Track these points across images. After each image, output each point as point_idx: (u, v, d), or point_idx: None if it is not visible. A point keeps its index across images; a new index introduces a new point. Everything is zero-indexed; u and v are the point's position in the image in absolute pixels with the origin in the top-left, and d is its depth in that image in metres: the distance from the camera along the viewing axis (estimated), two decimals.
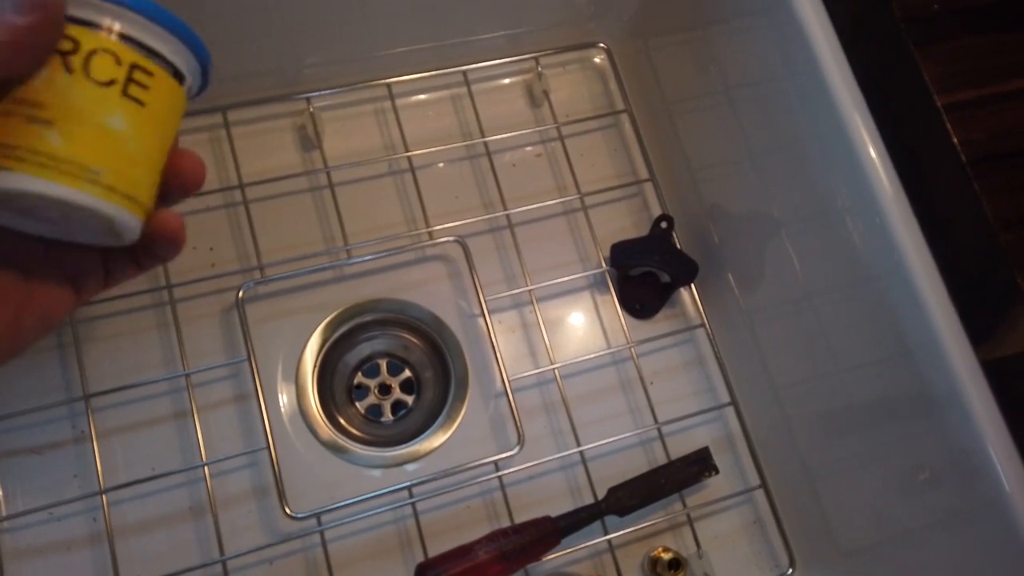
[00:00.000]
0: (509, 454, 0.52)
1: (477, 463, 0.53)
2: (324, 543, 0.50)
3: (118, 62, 0.26)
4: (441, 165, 0.61)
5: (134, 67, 0.27)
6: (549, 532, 0.50)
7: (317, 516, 0.50)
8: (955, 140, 0.36)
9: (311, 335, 0.56)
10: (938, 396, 0.40)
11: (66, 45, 0.25)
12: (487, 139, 0.61)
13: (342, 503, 0.50)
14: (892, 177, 0.40)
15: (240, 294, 0.53)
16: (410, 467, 0.55)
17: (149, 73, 0.27)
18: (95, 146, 0.25)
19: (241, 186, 0.56)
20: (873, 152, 0.41)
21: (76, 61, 0.25)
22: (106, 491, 0.49)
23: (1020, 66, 0.40)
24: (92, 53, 0.26)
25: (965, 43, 0.40)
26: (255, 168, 0.58)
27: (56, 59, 0.25)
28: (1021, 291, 0.35)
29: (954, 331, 0.38)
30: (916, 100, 0.38)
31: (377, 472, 0.54)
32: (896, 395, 0.44)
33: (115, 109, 0.26)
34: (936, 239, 0.37)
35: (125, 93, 0.26)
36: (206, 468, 0.50)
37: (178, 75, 0.28)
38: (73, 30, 0.25)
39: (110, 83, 0.26)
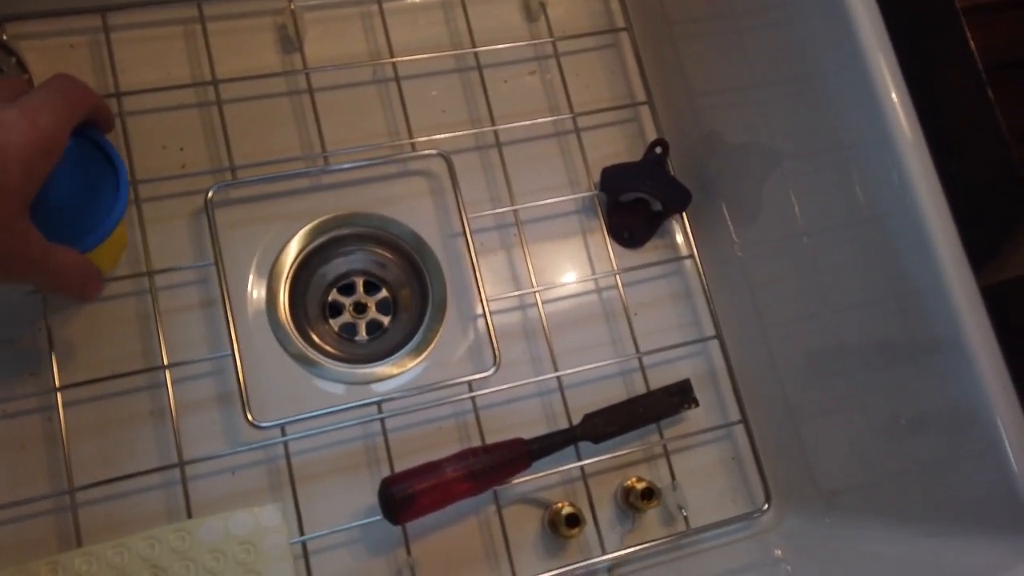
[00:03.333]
0: (484, 375, 0.51)
1: (450, 382, 0.51)
2: (288, 454, 0.48)
3: None
4: (429, 76, 0.58)
5: None
6: (520, 454, 0.48)
7: (281, 427, 0.48)
8: (972, 45, 0.34)
9: (284, 245, 0.54)
10: (936, 341, 0.38)
11: None
12: (478, 50, 0.58)
13: (307, 414, 0.49)
14: (912, 120, 0.37)
15: (209, 195, 0.50)
16: (382, 385, 0.53)
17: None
18: None
19: (215, 83, 0.53)
20: (895, 95, 0.38)
21: None
22: (61, 389, 0.47)
23: None
24: None
25: None
26: (231, 67, 0.55)
27: None
28: None
29: (961, 278, 0.36)
30: (933, 1, 0.35)
31: (347, 388, 0.52)
32: (890, 338, 0.42)
33: None
34: (945, 155, 0.35)
35: None
36: (167, 371, 0.48)
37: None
38: None
39: None
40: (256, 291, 0.53)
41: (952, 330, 0.36)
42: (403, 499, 0.45)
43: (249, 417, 0.47)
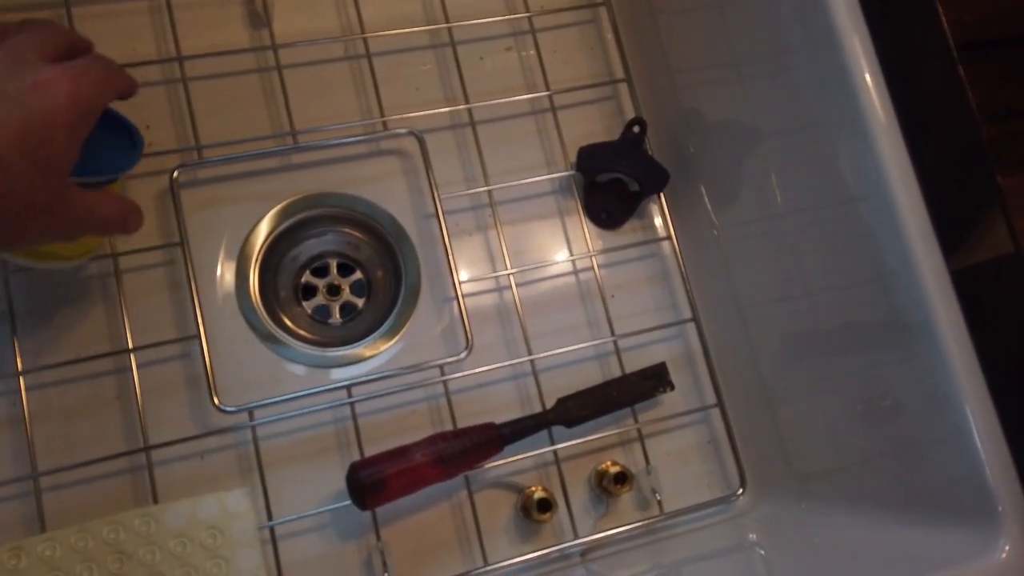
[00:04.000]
0: (455, 358, 0.50)
1: (422, 366, 0.50)
2: (255, 439, 0.48)
3: None
4: (402, 53, 0.57)
5: None
6: (491, 439, 0.48)
7: (249, 411, 0.48)
8: (944, 22, 0.33)
9: (254, 226, 0.53)
10: (908, 325, 0.37)
11: None
12: (452, 25, 0.56)
13: (276, 399, 0.48)
14: (885, 102, 0.36)
15: (175, 175, 0.49)
16: (353, 369, 0.52)
17: None
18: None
19: (180, 59, 0.52)
20: (868, 77, 0.37)
21: None
22: (24, 373, 0.46)
23: None
24: None
25: None
26: (197, 43, 0.53)
27: None
28: (1000, 190, 0.32)
29: (931, 262, 0.35)
30: None
31: (318, 371, 0.52)
32: (865, 321, 0.42)
33: None
34: (916, 135, 0.34)
35: None
36: (132, 355, 0.47)
37: (113, 180, 0.43)
38: None
39: None
40: (225, 273, 0.52)
41: (922, 315, 0.35)
42: (371, 484, 0.45)
43: (215, 401, 0.46)
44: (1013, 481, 0.34)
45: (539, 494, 0.49)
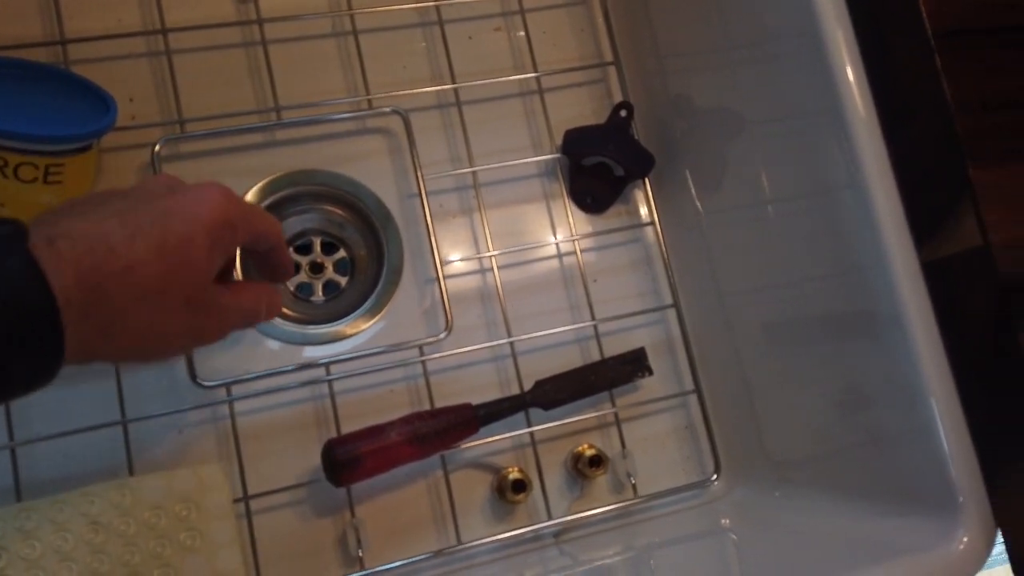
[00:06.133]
0: (435, 339, 0.50)
1: (401, 345, 0.50)
2: (232, 414, 0.48)
3: (35, 167, 0.43)
4: (389, 31, 0.56)
5: (48, 166, 0.43)
6: (467, 419, 0.48)
7: (227, 386, 0.48)
8: (923, 10, 0.32)
9: None
10: (879, 316, 0.37)
11: (1, 163, 0.42)
12: (441, 3, 0.56)
13: (253, 375, 0.48)
14: (865, 95, 0.36)
15: (157, 148, 0.49)
16: (333, 347, 0.52)
17: (60, 165, 0.44)
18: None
19: (164, 32, 0.51)
20: (850, 70, 0.36)
21: (8, 171, 0.42)
22: None
23: None
24: (18, 165, 0.42)
25: None
26: (182, 16, 0.53)
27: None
28: (971, 184, 0.32)
29: (903, 254, 0.36)
30: None
31: (298, 349, 0.52)
32: (840, 312, 0.42)
33: (42, 193, 0.44)
34: (895, 126, 0.34)
35: (45, 182, 0.44)
36: None
37: (86, 148, 0.45)
38: (5, 154, 0.42)
39: (33, 180, 0.43)
40: None
41: (892, 307, 0.35)
42: (346, 461, 0.45)
43: (194, 376, 0.46)
44: (975, 474, 0.34)
45: (514, 475, 0.50)
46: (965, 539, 0.33)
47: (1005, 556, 0.35)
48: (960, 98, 0.32)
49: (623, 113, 0.57)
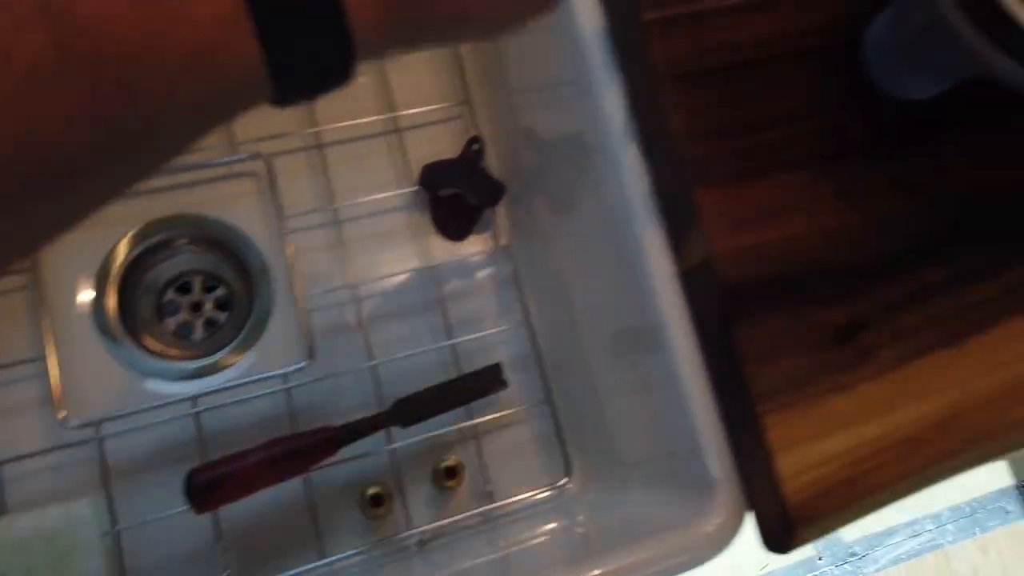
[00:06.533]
0: (296, 367, 0.53)
1: (264, 375, 0.54)
2: (102, 452, 0.51)
3: None
4: None
5: None
6: (326, 440, 0.51)
7: (95, 425, 0.51)
8: (653, 55, 0.37)
9: (112, 248, 0.56)
10: (657, 327, 0.42)
11: None
12: None
13: (121, 412, 0.51)
14: (627, 128, 0.40)
15: None
16: (206, 381, 0.55)
17: None
18: None
19: None
20: (615, 112, 0.41)
21: None
22: None
23: None
24: None
25: None
26: None
27: None
28: (695, 204, 0.36)
29: (662, 272, 0.40)
30: (629, 16, 0.38)
31: (171, 384, 0.55)
32: (638, 324, 0.46)
33: None
34: (649, 154, 0.38)
35: None
36: None
37: None
38: None
39: None
40: (82, 296, 0.55)
41: (657, 316, 0.40)
42: (205, 486, 0.48)
43: (59, 416, 0.49)
44: (725, 461, 0.39)
45: (373, 491, 0.53)
46: (717, 518, 0.38)
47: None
48: (690, 129, 0.36)
49: (475, 147, 0.61)
